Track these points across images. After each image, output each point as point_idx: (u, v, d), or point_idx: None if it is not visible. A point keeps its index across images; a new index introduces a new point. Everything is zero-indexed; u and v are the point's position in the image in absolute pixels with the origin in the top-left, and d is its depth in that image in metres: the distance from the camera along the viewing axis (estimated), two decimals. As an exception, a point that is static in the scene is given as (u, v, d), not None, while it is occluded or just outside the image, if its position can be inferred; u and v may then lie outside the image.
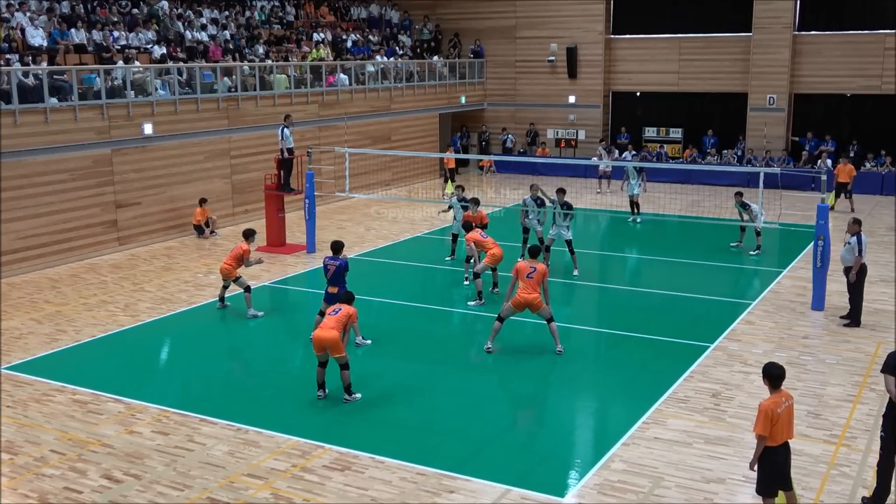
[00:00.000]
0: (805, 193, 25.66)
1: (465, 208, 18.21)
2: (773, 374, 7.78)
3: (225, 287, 15.27)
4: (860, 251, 13.81)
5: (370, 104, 27.76)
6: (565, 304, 16.00)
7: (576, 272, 17.42)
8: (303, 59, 26.46)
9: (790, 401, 7.79)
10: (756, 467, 7.84)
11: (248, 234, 15.32)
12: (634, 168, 22.71)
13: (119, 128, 19.57)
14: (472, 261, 16.21)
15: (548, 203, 18.06)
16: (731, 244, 19.69)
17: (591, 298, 16.68)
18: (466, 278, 16.53)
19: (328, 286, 13.08)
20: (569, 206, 17.47)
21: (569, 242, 17.41)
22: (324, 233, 21.12)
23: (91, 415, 10.86)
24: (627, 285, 17.56)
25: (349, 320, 11.26)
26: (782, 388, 7.82)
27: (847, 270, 14.03)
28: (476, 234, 15.99)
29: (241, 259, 14.90)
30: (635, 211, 23.03)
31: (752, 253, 19.04)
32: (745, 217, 18.86)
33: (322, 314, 13.37)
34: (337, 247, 13.36)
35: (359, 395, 11.19)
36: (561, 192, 17.75)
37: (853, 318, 14.12)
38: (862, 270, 13.92)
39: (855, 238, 13.86)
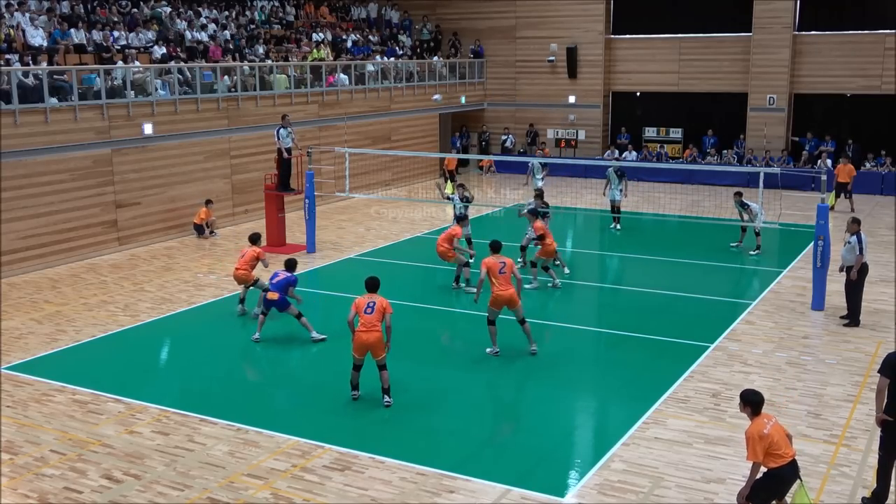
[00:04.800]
0: (805, 193, 25.65)
1: (466, 206, 18.27)
2: (754, 401, 7.64)
3: (246, 289, 14.97)
4: (861, 250, 13.84)
5: (370, 104, 27.77)
6: (566, 304, 16.01)
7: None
8: (303, 59, 26.47)
9: (773, 419, 7.68)
10: (757, 483, 7.56)
11: (256, 239, 15.13)
12: (616, 172, 21.75)
13: (119, 128, 19.57)
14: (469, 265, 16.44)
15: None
16: (731, 244, 19.69)
17: (590, 298, 16.69)
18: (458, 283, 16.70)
19: (269, 291, 13.43)
20: (545, 212, 17.71)
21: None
22: (324, 233, 21.14)
23: (91, 415, 10.87)
24: (627, 285, 17.56)
25: (386, 311, 10.90)
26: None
27: (848, 270, 14.05)
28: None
29: (255, 262, 14.75)
30: (616, 218, 22.13)
31: (752, 253, 19.04)
32: (746, 217, 18.88)
33: (264, 314, 13.60)
34: (290, 265, 13.80)
35: (391, 400, 11.09)
36: (538, 193, 18.35)
37: (852, 318, 14.13)
38: (863, 270, 13.95)
39: (855, 237, 13.89)
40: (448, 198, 19.46)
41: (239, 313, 14.93)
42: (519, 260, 17.72)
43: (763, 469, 7.59)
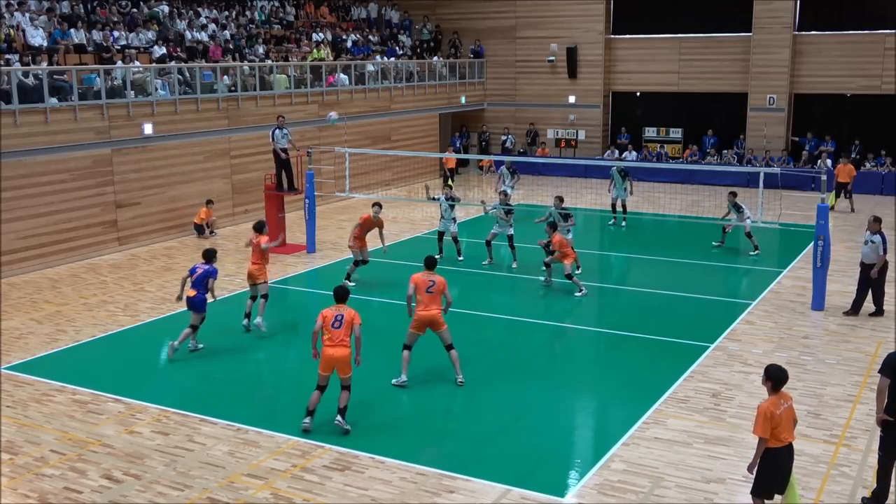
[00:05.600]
0: (805, 193, 25.63)
1: (452, 206, 18.35)
2: (777, 377, 7.73)
3: (254, 289, 14.26)
4: (885, 249, 14.14)
5: (370, 104, 27.77)
6: (566, 304, 16.00)
7: (514, 265, 17.99)
8: (303, 59, 26.47)
9: (789, 402, 7.79)
10: (756, 469, 7.81)
11: (261, 227, 14.58)
12: (619, 172, 22.00)
13: (119, 128, 19.57)
14: (358, 265, 16.71)
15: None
16: (714, 243, 19.74)
17: (590, 298, 16.65)
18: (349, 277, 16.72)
19: (189, 288, 12.84)
20: (508, 209, 18.10)
21: (510, 237, 18.12)
22: (324, 233, 21.14)
23: (91, 415, 10.86)
24: (627, 285, 17.57)
25: (354, 323, 10.14)
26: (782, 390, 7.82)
27: (868, 267, 14.28)
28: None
29: (265, 254, 14.15)
30: (617, 214, 22.46)
31: (751, 253, 19.06)
32: (731, 216, 19.06)
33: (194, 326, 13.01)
34: (209, 255, 13.20)
35: (349, 428, 10.26)
36: (503, 195, 18.55)
37: (878, 306, 14.46)
38: (883, 267, 14.31)
39: (878, 236, 14.18)
40: (434, 198, 19.33)
41: (245, 329, 14.20)
42: (512, 265, 18.01)
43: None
